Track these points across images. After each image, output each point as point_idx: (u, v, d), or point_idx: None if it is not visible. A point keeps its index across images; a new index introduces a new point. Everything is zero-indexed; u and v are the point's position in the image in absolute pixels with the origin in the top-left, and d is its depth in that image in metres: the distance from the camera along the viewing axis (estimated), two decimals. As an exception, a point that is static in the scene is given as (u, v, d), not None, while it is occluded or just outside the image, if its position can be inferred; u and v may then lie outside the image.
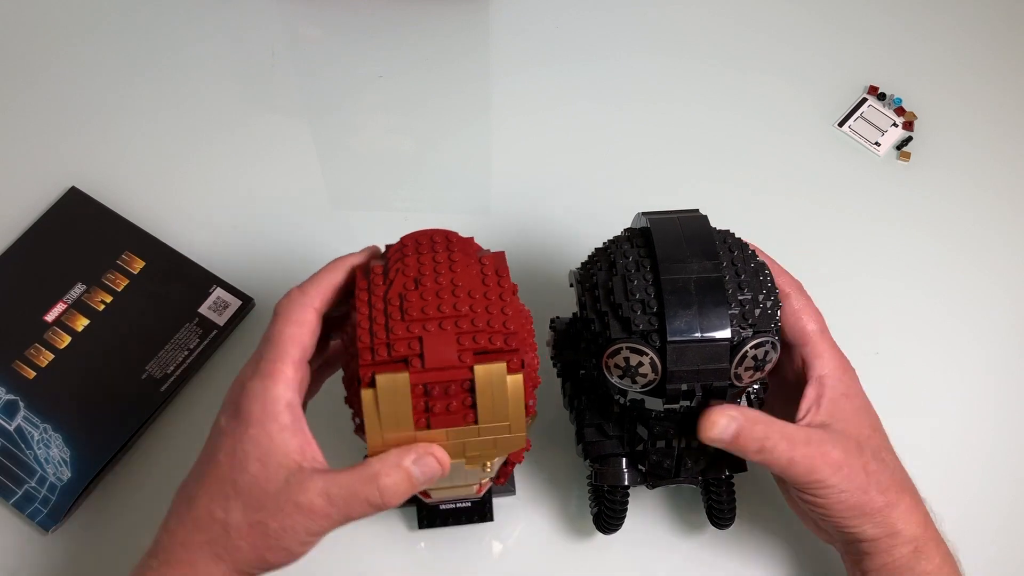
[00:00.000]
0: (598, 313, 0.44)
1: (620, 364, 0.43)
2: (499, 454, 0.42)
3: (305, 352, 0.43)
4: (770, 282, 0.45)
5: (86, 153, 0.68)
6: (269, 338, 0.43)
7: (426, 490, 0.47)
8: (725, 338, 0.42)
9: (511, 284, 0.42)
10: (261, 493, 0.41)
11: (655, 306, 0.42)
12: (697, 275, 0.43)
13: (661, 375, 0.43)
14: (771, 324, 0.43)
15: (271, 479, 0.41)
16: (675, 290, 0.42)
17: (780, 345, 0.45)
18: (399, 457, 0.40)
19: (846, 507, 0.45)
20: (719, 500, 0.51)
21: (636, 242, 0.45)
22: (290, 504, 0.40)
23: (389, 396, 0.39)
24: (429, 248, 0.42)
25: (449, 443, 0.40)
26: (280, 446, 0.41)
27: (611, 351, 0.43)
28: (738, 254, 0.45)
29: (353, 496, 0.40)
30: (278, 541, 0.41)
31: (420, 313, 0.39)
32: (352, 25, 0.75)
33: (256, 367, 0.42)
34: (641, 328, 0.42)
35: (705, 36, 0.76)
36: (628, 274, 0.43)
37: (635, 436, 0.49)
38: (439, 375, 0.39)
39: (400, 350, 0.39)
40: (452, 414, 0.39)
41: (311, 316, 0.43)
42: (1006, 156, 0.71)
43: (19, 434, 0.57)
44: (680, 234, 0.44)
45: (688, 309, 0.42)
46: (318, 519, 0.41)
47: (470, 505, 0.55)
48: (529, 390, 0.41)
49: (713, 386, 0.43)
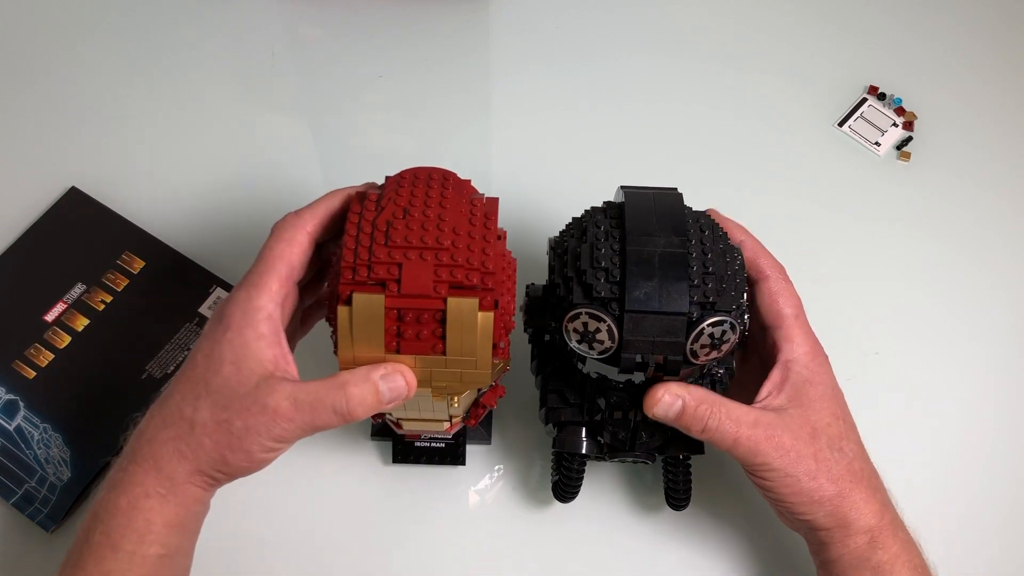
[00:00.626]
0: (564, 278, 0.46)
1: (579, 329, 0.44)
2: (464, 388, 0.44)
3: (293, 270, 0.44)
4: (738, 265, 0.46)
5: (86, 153, 0.68)
6: (260, 254, 0.45)
7: (397, 420, 0.50)
8: (682, 312, 0.43)
9: (497, 228, 0.44)
10: (231, 393, 0.42)
11: (618, 275, 0.44)
12: (662, 249, 0.44)
13: (617, 344, 0.44)
14: (732, 305, 0.44)
15: (242, 382, 0.42)
16: (639, 262, 0.43)
17: (746, 328, 0.46)
18: (369, 371, 0.42)
19: (793, 492, 0.46)
20: (675, 481, 0.53)
21: (610, 213, 0.47)
22: (257, 405, 0.41)
23: (364, 315, 0.41)
24: (425, 183, 0.44)
25: (417, 370, 0.42)
26: (255, 352, 0.42)
27: (571, 315, 0.44)
28: (708, 234, 0.46)
29: (320, 402, 0.41)
30: (240, 441, 0.41)
31: (403, 241, 0.41)
32: (352, 25, 0.75)
33: (244, 279, 0.44)
34: (602, 295, 0.44)
35: (705, 36, 0.76)
36: (597, 243, 0.45)
37: (595, 405, 0.50)
38: (413, 302, 0.41)
39: (379, 273, 0.41)
40: (422, 341, 0.41)
41: (302, 236, 0.45)
42: (1006, 156, 0.71)
43: (19, 434, 0.57)
44: (652, 209, 0.46)
45: (649, 281, 0.43)
46: (282, 422, 0.41)
47: (444, 446, 0.56)
48: (500, 331, 0.43)
49: (667, 360, 0.44)
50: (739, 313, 0.45)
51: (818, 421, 0.47)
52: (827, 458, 0.46)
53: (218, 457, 0.42)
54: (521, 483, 0.58)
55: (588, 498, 0.56)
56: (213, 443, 0.42)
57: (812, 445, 0.46)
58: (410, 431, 0.53)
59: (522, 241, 0.65)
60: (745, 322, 0.46)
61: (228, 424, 0.41)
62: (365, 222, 0.42)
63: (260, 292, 0.43)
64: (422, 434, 0.55)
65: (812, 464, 0.46)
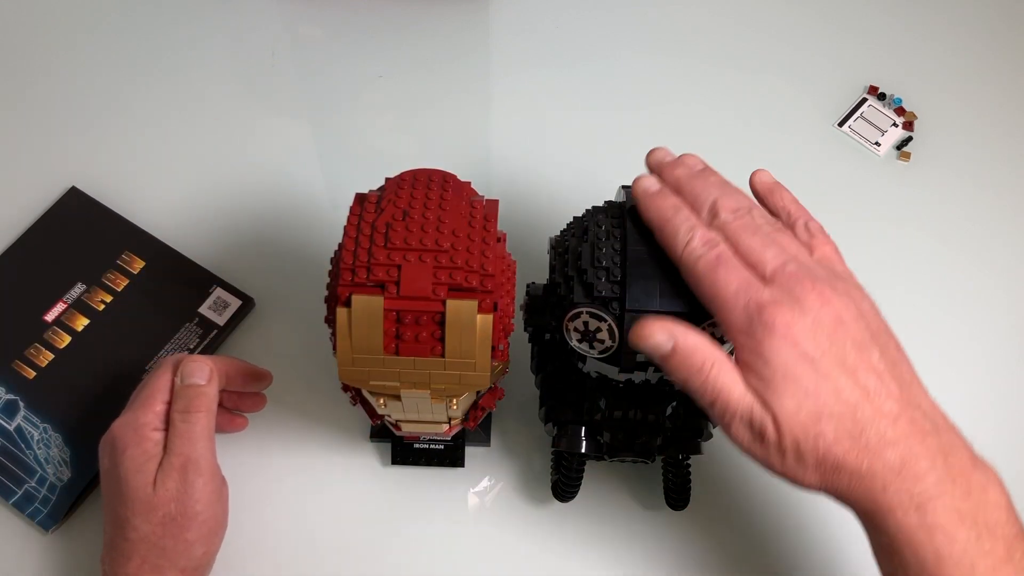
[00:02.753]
0: (564, 277, 0.46)
1: (580, 328, 0.44)
2: (463, 391, 0.44)
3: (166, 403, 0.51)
4: None
5: (86, 153, 0.69)
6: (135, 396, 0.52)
7: (396, 422, 0.50)
8: (682, 312, 0.43)
9: (496, 230, 0.44)
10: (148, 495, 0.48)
11: (619, 275, 0.44)
12: (664, 253, 0.44)
13: (618, 343, 0.44)
14: None
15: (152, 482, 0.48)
16: (640, 262, 0.44)
17: None
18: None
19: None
20: (674, 481, 0.53)
21: (612, 213, 0.47)
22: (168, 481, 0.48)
23: (363, 317, 0.41)
24: (424, 184, 0.44)
25: (416, 372, 0.42)
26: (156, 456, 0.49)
27: (572, 314, 0.44)
28: None
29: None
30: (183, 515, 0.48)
31: (403, 243, 0.41)
32: (352, 25, 0.75)
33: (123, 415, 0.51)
34: (603, 295, 0.44)
35: (705, 36, 0.76)
36: (598, 242, 0.45)
37: (595, 405, 0.50)
38: (412, 304, 0.41)
39: (378, 275, 0.41)
40: (420, 344, 0.41)
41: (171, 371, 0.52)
42: (1006, 156, 0.71)
43: (19, 434, 0.57)
44: None
45: (649, 281, 0.43)
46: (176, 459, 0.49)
47: (443, 448, 0.57)
48: (499, 334, 0.43)
49: None
50: None
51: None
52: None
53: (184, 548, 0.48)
54: (520, 485, 0.58)
55: (587, 498, 0.56)
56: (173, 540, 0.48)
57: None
58: (409, 433, 0.53)
59: (522, 242, 0.65)
60: None
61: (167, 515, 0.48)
62: (364, 223, 0.42)
63: (145, 412, 0.50)
64: (421, 436, 0.55)
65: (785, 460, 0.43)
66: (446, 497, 0.57)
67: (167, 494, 0.47)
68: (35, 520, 0.55)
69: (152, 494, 0.47)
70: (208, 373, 0.50)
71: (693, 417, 0.51)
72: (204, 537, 0.49)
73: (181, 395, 0.49)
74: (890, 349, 0.41)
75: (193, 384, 0.50)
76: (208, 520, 0.49)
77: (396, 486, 0.57)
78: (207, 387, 0.50)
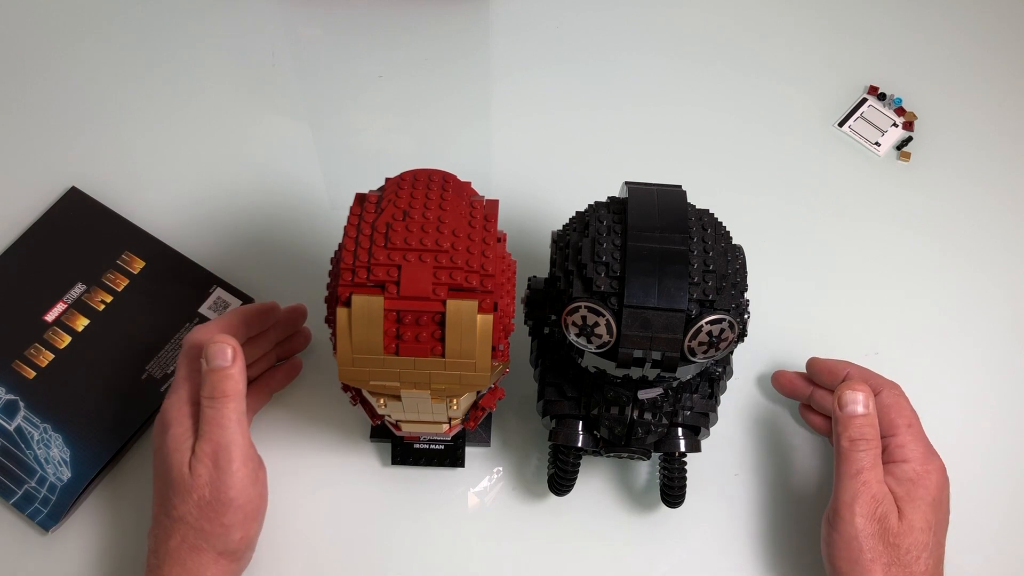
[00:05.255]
0: (564, 271, 0.46)
1: (578, 322, 0.45)
2: (463, 391, 0.44)
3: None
4: (739, 264, 0.47)
5: (86, 153, 0.69)
6: (179, 366, 0.52)
7: (396, 422, 0.50)
8: (680, 309, 0.43)
9: (496, 231, 0.44)
10: (188, 477, 0.48)
11: (618, 271, 0.44)
12: (663, 246, 0.44)
13: (615, 338, 0.44)
14: (732, 304, 0.45)
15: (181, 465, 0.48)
16: (639, 257, 0.44)
17: (744, 328, 0.46)
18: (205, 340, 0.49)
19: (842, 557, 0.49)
20: (671, 478, 0.53)
21: (613, 208, 0.47)
22: (201, 464, 0.48)
23: (363, 317, 0.41)
24: (424, 184, 0.44)
25: (416, 372, 0.42)
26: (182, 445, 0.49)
27: (571, 308, 0.45)
28: (710, 232, 0.46)
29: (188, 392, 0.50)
30: (219, 500, 0.48)
31: (403, 243, 0.41)
32: (352, 25, 0.75)
33: (171, 390, 0.51)
34: (602, 290, 0.44)
35: (705, 36, 0.76)
36: (599, 237, 0.45)
37: (592, 400, 0.50)
38: (412, 304, 0.41)
39: (378, 275, 0.41)
40: (421, 344, 0.41)
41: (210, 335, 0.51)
42: (1006, 156, 0.71)
43: (19, 434, 0.57)
44: (655, 205, 0.46)
45: (649, 277, 0.43)
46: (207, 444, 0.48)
47: (443, 448, 0.57)
48: (500, 334, 0.43)
49: (665, 356, 0.44)
50: (738, 312, 0.45)
51: (911, 519, 0.49)
52: (894, 553, 0.48)
53: (221, 530, 0.48)
54: (520, 485, 0.58)
55: (586, 498, 0.56)
56: (210, 522, 0.48)
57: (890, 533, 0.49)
58: (409, 433, 0.53)
59: (522, 242, 0.65)
60: (744, 321, 0.46)
61: (203, 498, 0.48)
62: (365, 224, 0.42)
63: (189, 387, 0.50)
64: (421, 436, 0.55)
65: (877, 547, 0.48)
66: (446, 497, 0.57)
67: (200, 479, 0.47)
68: (35, 520, 0.55)
69: (188, 476, 0.47)
70: (231, 353, 0.48)
71: (692, 415, 0.51)
72: (240, 522, 0.48)
73: (207, 379, 0.48)
74: None
75: (217, 367, 0.48)
76: (244, 505, 0.48)
77: (396, 486, 0.57)
78: (231, 368, 0.48)
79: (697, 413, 0.51)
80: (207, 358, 0.48)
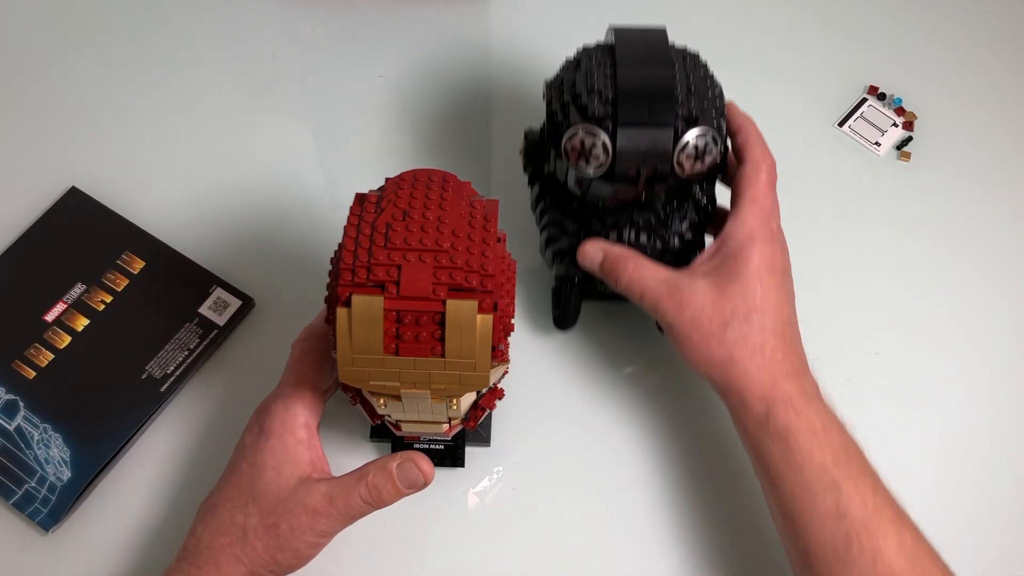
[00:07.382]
0: (561, 104, 0.51)
1: (576, 146, 0.49)
2: (463, 391, 0.44)
3: (319, 380, 0.50)
4: (718, 92, 0.52)
5: (86, 153, 0.69)
6: (289, 366, 0.51)
7: (396, 422, 0.50)
8: (669, 123, 0.48)
9: (497, 231, 0.44)
10: (274, 498, 0.46)
11: (610, 96, 0.49)
12: (651, 74, 0.49)
13: (611, 158, 0.49)
14: (713, 121, 0.50)
15: (284, 486, 0.46)
16: (629, 84, 0.49)
17: (726, 148, 0.52)
18: (387, 461, 0.47)
19: (687, 349, 0.50)
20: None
21: (602, 48, 0.52)
22: (298, 507, 0.45)
23: (363, 317, 0.41)
24: (424, 184, 0.44)
25: (416, 372, 0.42)
26: (294, 457, 0.47)
27: (569, 134, 0.49)
28: (691, 63, 0.52)
29: (349, 494, 0.45)
30: (288, 542, 0.45)
31: (403, 243, 0.41)
32: (352, 25, 0.75)
33: (278, 391, 0.50)
34: (597, 114, 0.49)
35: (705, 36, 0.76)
36: (590, 71, 0.50)
37: (591, 229, 0.54)
38: (412, 304, 0.41)
39: (378, 275, 0.41)
40: (420, 344, 0.41)
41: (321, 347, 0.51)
42: (1006, 156, 0.71)
43: (19, 434, 0.57)
44: (641, 40, 0.52)
45: (639, 99, 0.49)
46: (321, 519, 0.45)
47: (443, 448, 0.57)
48: (500, 334, 0.43)
49: (657, 170, 0.49)
50: (719, 130, 0.50)
51: (735, 292, 0.49)
52: (729, 325, 0.49)
53: (269, 558, 0.46)
54: (520, 485, 0.58)
55: (586, 497, 0.56)
56: (264, 546, 0.46)
57: (716, 310, 0.49)
58: (409, 433, 0.53)
59: (522, 243, 0.65)
60: (725, 141, 0.51)
61: (276, 528, 0.45)
62: (364, 223, 0.42)
63: (295, 402, 0.48)
64: (421, 436, 0.55)
65: (708, 326, 0.49)
66: (446, 497, 0.57)
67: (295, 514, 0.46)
68: (35, 520, 0.55)
69: (277, 499, 0.46)
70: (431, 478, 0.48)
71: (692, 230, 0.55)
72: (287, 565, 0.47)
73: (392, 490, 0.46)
74: None
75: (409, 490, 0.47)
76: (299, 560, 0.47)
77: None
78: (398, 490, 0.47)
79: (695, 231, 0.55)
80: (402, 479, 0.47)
